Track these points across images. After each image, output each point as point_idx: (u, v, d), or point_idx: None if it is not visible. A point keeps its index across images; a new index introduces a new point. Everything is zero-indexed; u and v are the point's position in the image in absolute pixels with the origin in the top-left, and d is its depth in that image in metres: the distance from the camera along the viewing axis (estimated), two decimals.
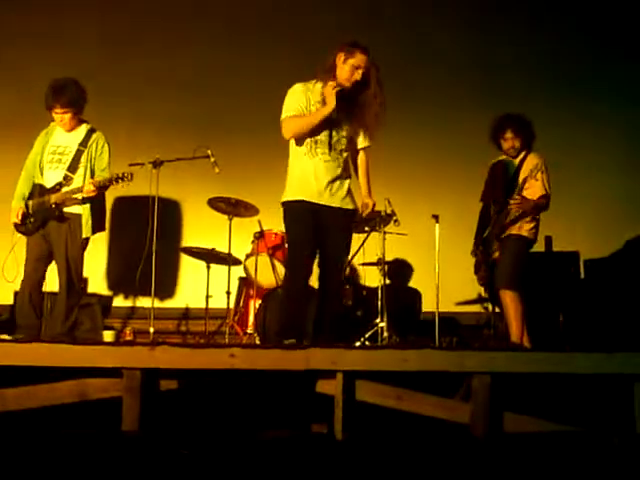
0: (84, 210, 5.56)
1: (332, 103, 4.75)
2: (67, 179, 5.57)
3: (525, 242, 5.61)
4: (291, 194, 4.85)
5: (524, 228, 5.58)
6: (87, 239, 5.61)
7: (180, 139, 7.15)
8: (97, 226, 5.68)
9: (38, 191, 5.62)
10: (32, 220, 5.57)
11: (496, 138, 5.74)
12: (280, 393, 3.98)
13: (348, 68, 4.82)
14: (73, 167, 5.59)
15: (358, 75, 4.82)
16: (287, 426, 3.93)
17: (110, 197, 7.58)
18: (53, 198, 5.53)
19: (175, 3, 8.09)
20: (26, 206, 5.61)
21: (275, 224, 6.56)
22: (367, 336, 6.42)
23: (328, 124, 4.82)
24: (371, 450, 3.71)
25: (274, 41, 7.89)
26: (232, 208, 6.61)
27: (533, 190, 5.53)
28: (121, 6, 7.98)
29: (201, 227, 7.58)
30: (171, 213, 7.63)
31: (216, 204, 6.65)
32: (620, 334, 5.88)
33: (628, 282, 6.29)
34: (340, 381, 3.84)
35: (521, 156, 5.68)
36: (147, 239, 6.01)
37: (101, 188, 5.55)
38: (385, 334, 6.39)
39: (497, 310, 5.95)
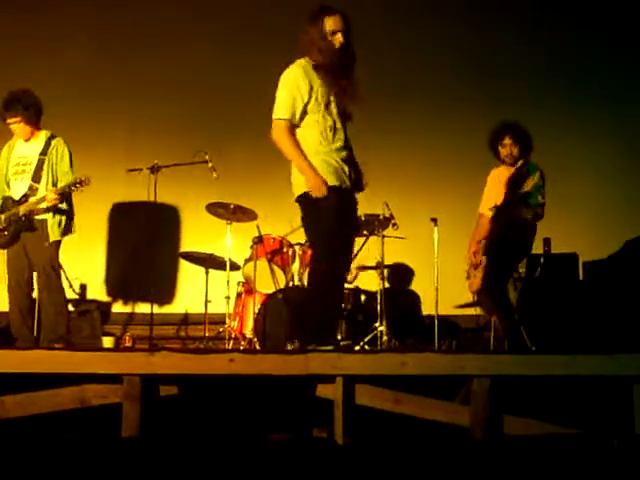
0: (48, 215, 5.59)
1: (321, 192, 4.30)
2: (32, 189, 5.61)
3: (517, 245, 5.61)
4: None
5: (517, 232, 5.56)
6: (58, 242, 5.63)
7: (178, 144, 7.16)
8: (66, 228, 5.69)
9: (8, 204, 5.66)
10: (5, 233, 5.61)
11: (494, 145, 5.72)
12: (280, 398, 3.98)
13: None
14: (37, 177, 5.63)
15: (340, 38, 4.36)
16: (287, 431, 3.93)
17: (108, 203, 7.63)
18: (22, 210, 5.57)
19: (174, 6, 8.09)
20: None
21: (273, 229, 6.57)
22: (366, 340, 6.41)
23: (330, 112, 4.41)
24: (372, 454, 3.71)
25: (274, 44, 7.88)
26: (230, 213, 6.61)
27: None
28: (119, 9, 7.99)
29: (200, 232, 7.58)
30: (169, 218, 7.63)
31: (214, 209, 6.65)
32: (619, 336, 5.88)
33: (627, 284, 6.29)
34: (340, 385, 3.84)
35: (518, 164, 5.67)
36: (146, 245, 6.01)
37: (63, 195, 5.55)
38: (385, 338, 6.38)
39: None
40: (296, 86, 4.40)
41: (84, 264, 5.93)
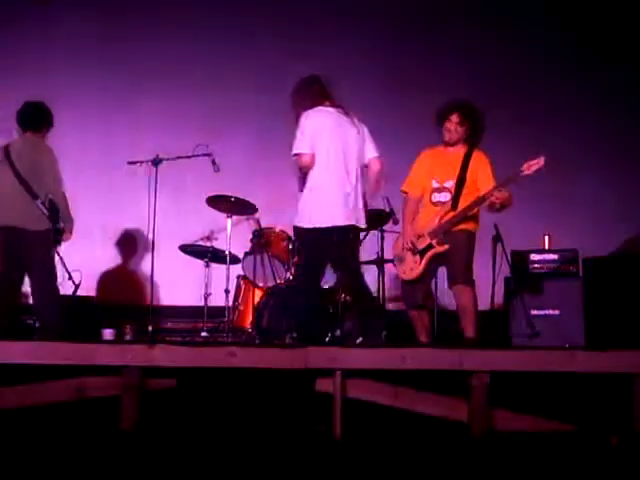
0: None
1: None
2: None
3: (474, 236, 5.52)
4: None
5: (472, 222, 5.48)
6: None
7: (179, 137, 7.15)
8: None
9: None
10: None
11: (441, 122, 5.56)
12: (279, 391, 3.99)
13: None
14: None
15: None
16: (286, 424, 3.93)
17: (109, 195, 7.63)
18: None
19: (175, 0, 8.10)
20: None
21: (273, 222, 6.56)
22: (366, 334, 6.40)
23: None
24: (369, 448, 3.71)
25: (275, 38, 7.89)
26: (231, 206, 6.59)
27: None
28: (120, 3, 7.97)
29: (200, 225, 7.56)
30: (170, 211, 7.62)
31: (215, 202, 6.63)
32: (620, 333, 5.87)
33: (627, 281, 6.28)
34: (339, 379, 3.84)
35: (465, 149, 5.51)
36: (146, 237, 6.01)
37: None
38: (384, 333, 6.37)
39: None
40: None
41: (83, 255, 5.93)
